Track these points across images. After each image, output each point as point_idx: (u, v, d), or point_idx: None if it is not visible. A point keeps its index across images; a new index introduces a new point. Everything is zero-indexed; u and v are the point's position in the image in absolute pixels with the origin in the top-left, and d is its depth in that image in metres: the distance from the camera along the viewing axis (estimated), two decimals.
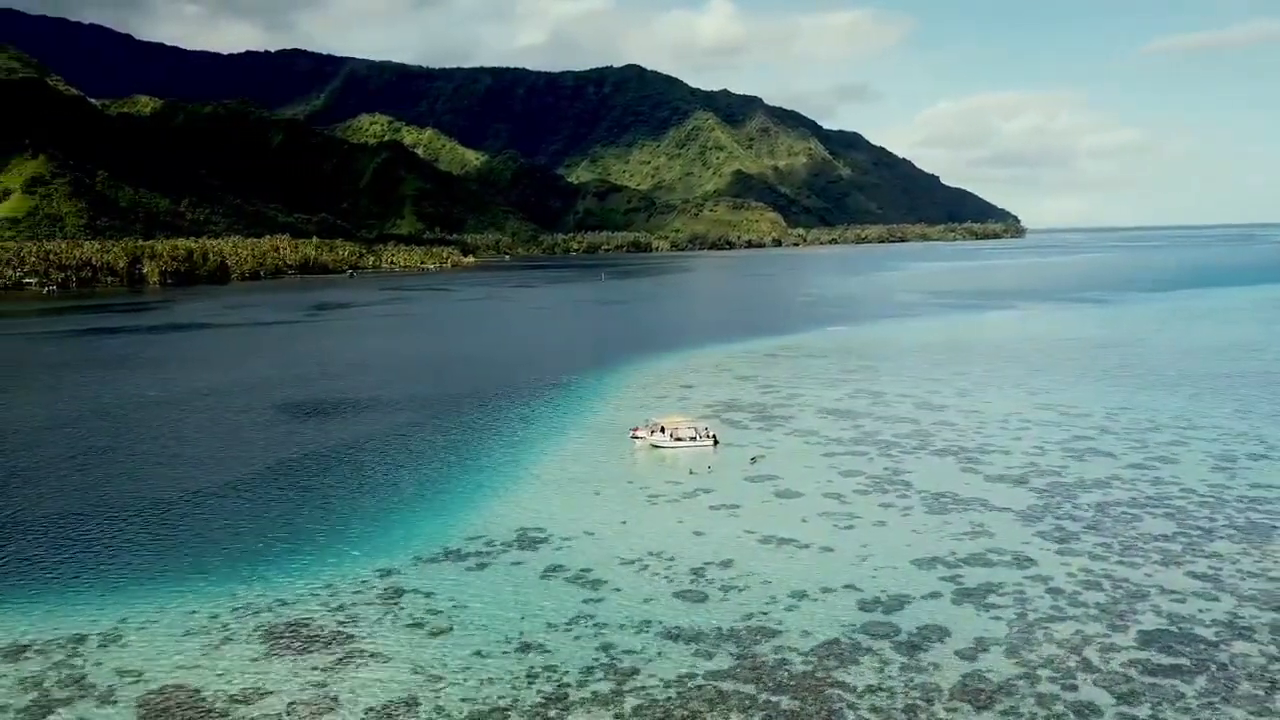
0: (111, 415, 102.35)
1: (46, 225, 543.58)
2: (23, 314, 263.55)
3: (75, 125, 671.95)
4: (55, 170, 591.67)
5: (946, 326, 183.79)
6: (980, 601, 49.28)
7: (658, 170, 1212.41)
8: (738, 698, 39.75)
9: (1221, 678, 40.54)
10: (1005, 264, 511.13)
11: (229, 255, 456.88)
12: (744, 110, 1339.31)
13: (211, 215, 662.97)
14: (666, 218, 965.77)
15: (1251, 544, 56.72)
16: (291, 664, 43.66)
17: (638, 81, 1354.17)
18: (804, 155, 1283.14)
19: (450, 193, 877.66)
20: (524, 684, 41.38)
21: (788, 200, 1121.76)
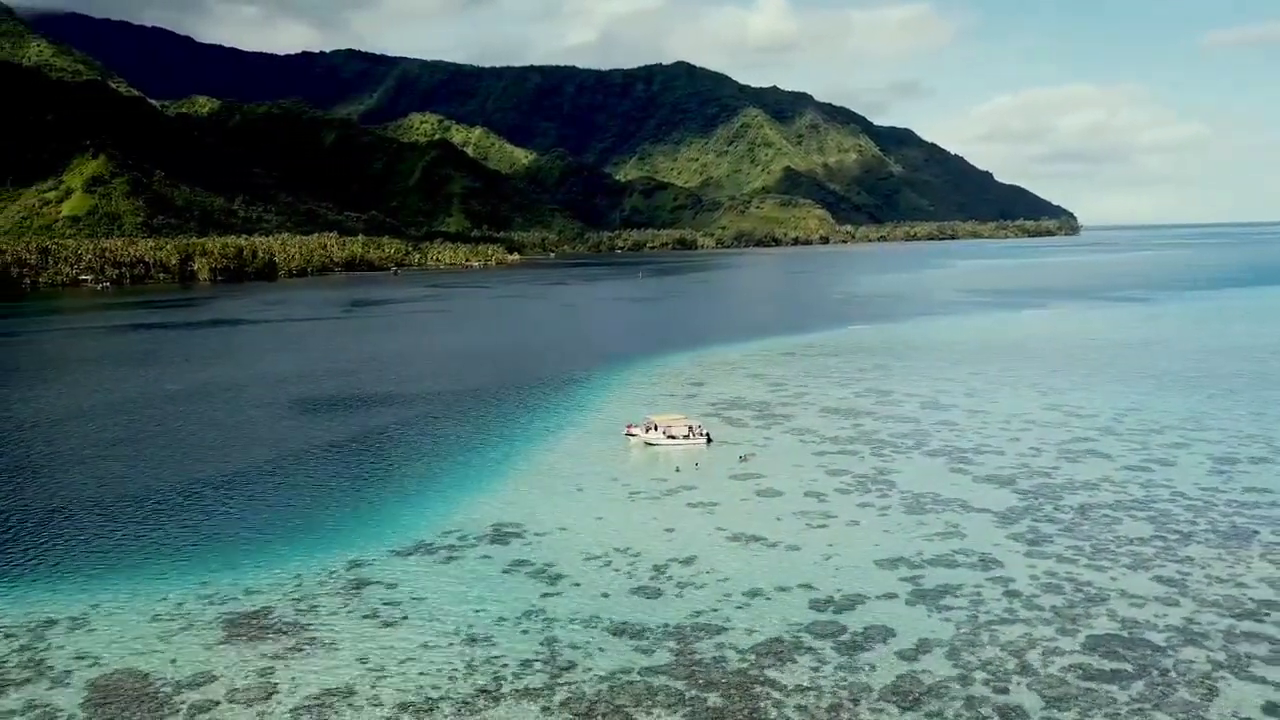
0: (127, 409, 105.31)
1: (106, 223, 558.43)
2: (73, 310, 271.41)
3: (134, 126, 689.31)
4: (114, 170, 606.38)
5: (972, 325, 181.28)
6: (934, 603, 48.93)
7: (706, 167, 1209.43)
8: (666, 694, 40.03)
9: (1160, 684, 39.89)
10: (1051, 262, 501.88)
11: (277, 253, 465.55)
12: (793, 107, 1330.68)
13: (264, 213, 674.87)
14: (713, 215, 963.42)
15: (1228, 549, 55.52)
16: (242, 651, 44.84)
17: (686, 79, 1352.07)
18: (854, 152, 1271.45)
19: (497, 191, 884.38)
20: (461, 676, 42.07)
21: (837, 197, 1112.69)
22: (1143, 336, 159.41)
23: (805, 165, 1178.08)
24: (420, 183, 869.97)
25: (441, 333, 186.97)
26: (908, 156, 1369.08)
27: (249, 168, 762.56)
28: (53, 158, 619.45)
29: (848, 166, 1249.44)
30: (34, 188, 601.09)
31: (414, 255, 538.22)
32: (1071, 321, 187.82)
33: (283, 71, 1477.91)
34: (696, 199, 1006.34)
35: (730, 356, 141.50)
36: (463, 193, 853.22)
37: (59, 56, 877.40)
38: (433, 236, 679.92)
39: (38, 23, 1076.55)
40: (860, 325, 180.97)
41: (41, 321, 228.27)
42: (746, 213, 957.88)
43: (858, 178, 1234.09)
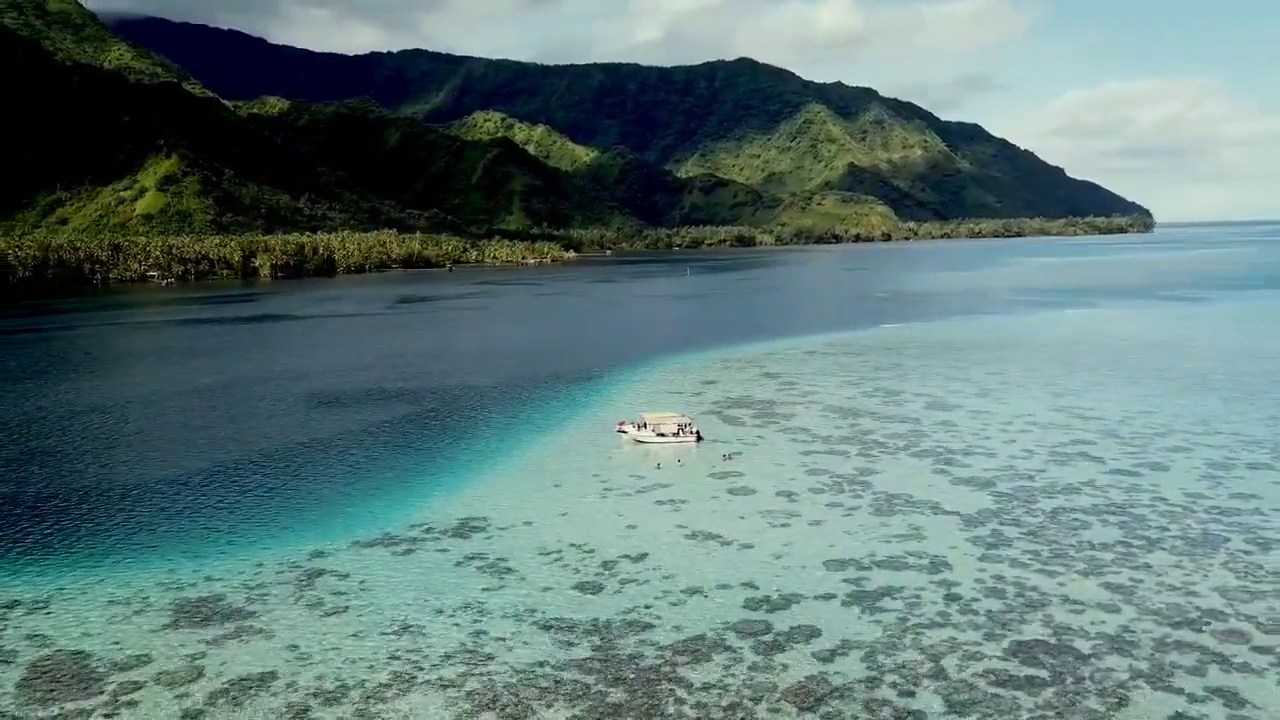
0: (152, 401, 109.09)
1: (177, 221, 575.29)
2: (133, 304, 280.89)
3: (206, 126, 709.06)
4: (186, 169, 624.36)
5: (1007, 324, 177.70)
6: (869, 605, 48.61)
7: (768, 164, 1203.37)
8: (571, 687, 40.55)
9: (1070, 692, 39.21)
10: (1113, 260, 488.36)
11: (336, 250, 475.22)
12: (858, 103, 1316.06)
13: (329, 211, 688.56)
14: (773, 212, 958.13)
15: (1191, 556, 54.07)
16: (182, 637, 46.50)
17: (749, 75, 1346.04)
18: (919, 148, 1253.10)
19: (557, 189, 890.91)
20: (380, 666, 43.10)
21: (900, 194, 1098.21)
22: (1177, 337, 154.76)
23: (869, 161, 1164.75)
24: (482, 181, 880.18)
25: (471, 329, 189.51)
26: (975, 152, 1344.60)
27: (315, 166, 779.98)
28: (129, 158, 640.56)
29: (912, 162, 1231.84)
30: (111, 187, 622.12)
31: (471, 253, 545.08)
32: (1111, 321, 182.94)
33: (352, 72, 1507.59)
34: (756, 196, 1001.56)
35: (750, 354, 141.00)
36: (523, 191, 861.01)
37: (138, 59, 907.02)
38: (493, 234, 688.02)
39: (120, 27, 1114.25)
40: (892, 324, 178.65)
41: (100, 316, 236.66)
42: (807, 209, 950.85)
43: (923, 174, 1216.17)
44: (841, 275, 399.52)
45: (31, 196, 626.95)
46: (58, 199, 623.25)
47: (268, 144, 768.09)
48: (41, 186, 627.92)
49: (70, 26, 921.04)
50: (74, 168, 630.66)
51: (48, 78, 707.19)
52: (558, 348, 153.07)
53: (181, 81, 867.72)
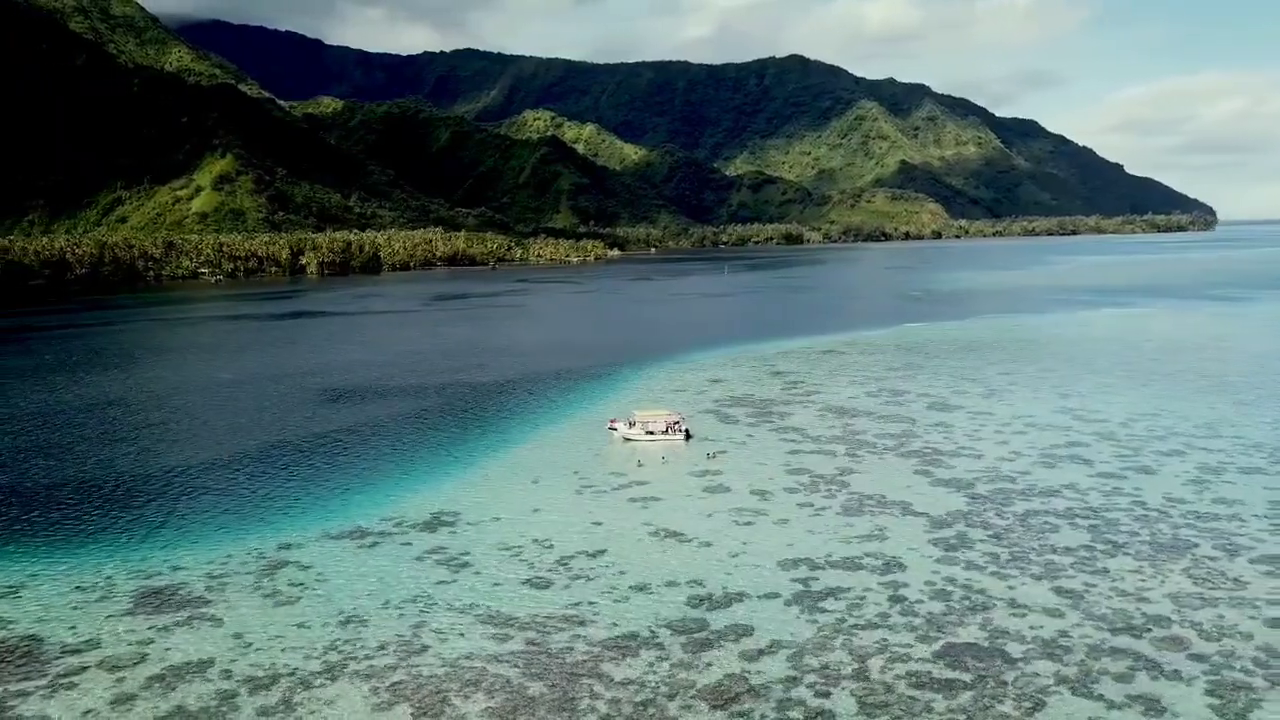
0: (169, 395, 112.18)
1: (231, 219, 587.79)
2: (180, 300, 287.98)
3: (260, 126, 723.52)
4: (240, 168, 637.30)
5: (1035, 324, 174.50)
6: (811, 604, 48.52)
7: (818, 161, 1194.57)
8: (493, 680, 41.15)
9: (987, 695, 38.85)
10: (1167, 258, 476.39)
11: (383, 247, 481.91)
12: (910, 99, 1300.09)
13: (378, 209, 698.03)
14: (822, 209, 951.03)
15: (1154, 562, 53.03)
16: (135, 623, 48.00)
17: (800, 72, 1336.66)
18: (973, 144, 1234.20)
19: (604, 187, 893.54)
20: (315, 655, 44.09)
21: (953, 191, 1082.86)
22: (1209, 338, 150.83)
23: (921, 158, 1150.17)
24: (530, 179, 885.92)
25: (493, 327, 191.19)
26: (1031, 149, 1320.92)
27: (366, 165, 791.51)
28: (186, 158, 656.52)
29: (966, 159, 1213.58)
30: (168, 186, 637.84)
31: (516, 251, 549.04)
32: (1143, 321, 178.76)
33: (405, 71, 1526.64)
34: (805, 193, 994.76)
35: (763, 352, 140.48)
36: (570, 189, 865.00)
37: (197, 61, 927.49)
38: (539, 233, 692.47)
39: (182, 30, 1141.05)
40: (916, 323, 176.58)
41: (144, 312, 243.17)
42: (856, 207, 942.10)
43: (976, 171, 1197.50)
44: (880, 273, 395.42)
45: (94, 196, 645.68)
46: (117, 198, 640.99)
47: (320, 143, 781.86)
48: (103, 186, 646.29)
49: (133, 30, 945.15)
50: (134, 168, 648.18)
51: (110, 80, 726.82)
52: (573, 345, 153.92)
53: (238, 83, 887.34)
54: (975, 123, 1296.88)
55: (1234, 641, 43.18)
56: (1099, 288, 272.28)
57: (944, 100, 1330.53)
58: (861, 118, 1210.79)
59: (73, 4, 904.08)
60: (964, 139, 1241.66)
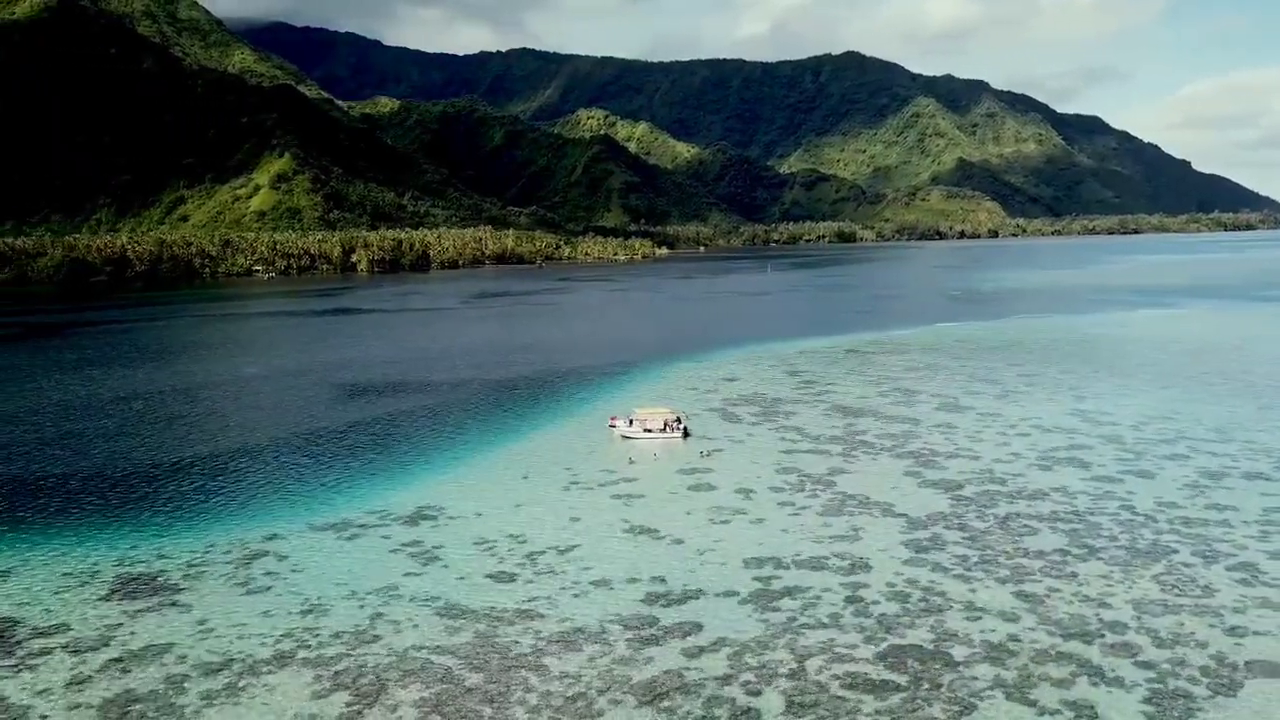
0: (192, 390, 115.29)
1: (288, 218, 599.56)
2: (226, 297, 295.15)
3: (317, 126, 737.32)
4: (297, 168, 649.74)
5: (1071, 324, 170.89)
6: (765, 603, 48.45)
7: (873, 159, 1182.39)
8: (435, 671, 41.84)
9: (919, 698, 38.54)
10: (1228, 258, 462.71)
11: (432, 246, 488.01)
12: (968, 95, 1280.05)
13: (432, 208, 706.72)
14: (876, 207, 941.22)
15: (1126, 568, 51.95)
16: (109, 608, 49.64)
17: (856, 69, 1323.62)
18: (1033, 141, 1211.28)
19: (656, 185, 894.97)
20: (270, 643, 45.22)
21: (1011, 189, 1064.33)
22: (1243, 338, 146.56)
23: (979, 156, 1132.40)
24: (581, 178, 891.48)
25: (521, 324, 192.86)
26: (1094, 146, 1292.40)
27: (420, 164, 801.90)
28: (246, 157, 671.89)
29: (1026, 156, 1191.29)
30: (228, 185, 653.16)
31: (564, 249, 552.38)
32: (1185, 322, 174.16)
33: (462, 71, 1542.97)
34: (859, 191, 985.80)
35: (784, 351, 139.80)
36: (621, 188, 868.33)
37: (259, 63, 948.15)
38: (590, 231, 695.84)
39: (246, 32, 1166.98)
40: (948, 323, 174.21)
41: (191, 308, 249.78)
42: (911, 205, 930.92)
43: (1036, 168, 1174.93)
44: (926, 272, 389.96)
45: (158, 195, 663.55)
46: (180, 197, 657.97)
47: (375, 143, 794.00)
48: (166, 186, 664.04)
49: (198, 33, 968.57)
50: (196, 167, 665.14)
51: (175, 82, 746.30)
52: (594, 342, 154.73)
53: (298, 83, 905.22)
54: (1035, 119, 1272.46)
55: (1187, 650, 42.23)
56: (1147, 288, 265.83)
57: (1003, 96, 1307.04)
58: (918, 115, 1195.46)
59: (141, 8, 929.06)
60: (1024, 136, 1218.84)
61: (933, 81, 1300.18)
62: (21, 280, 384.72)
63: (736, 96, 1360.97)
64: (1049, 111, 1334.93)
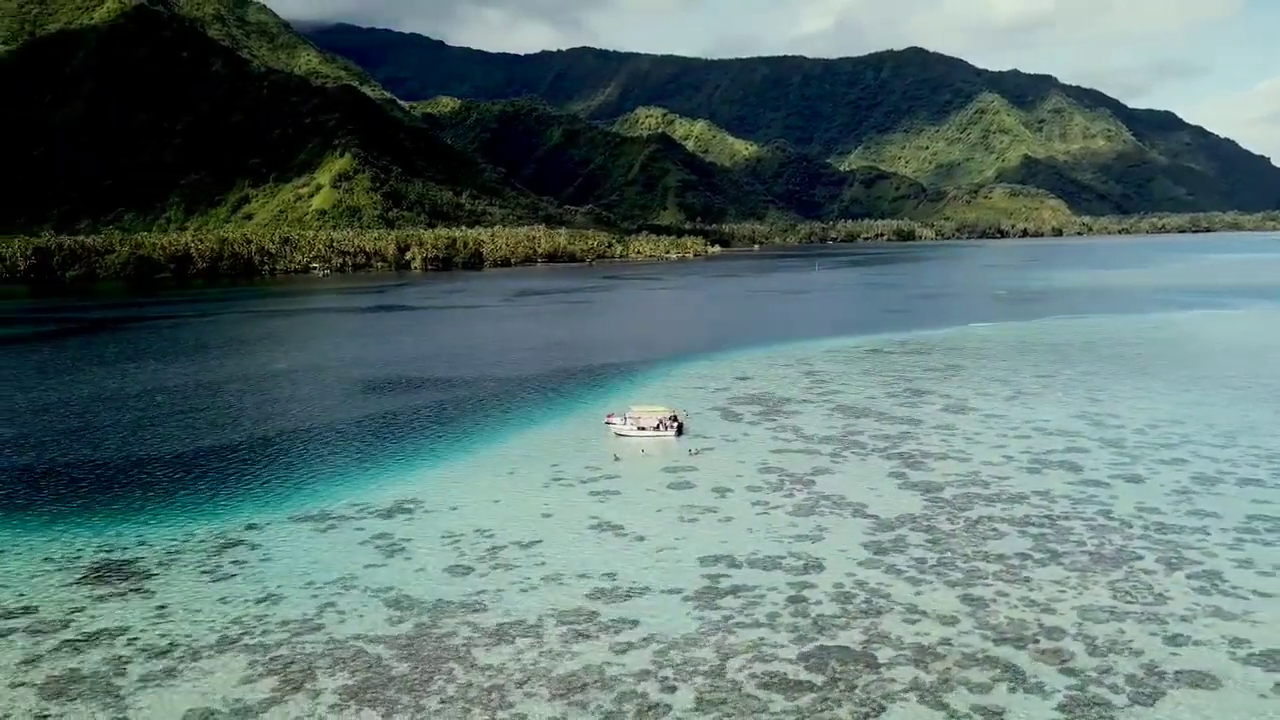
0: (218, 385, 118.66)
1: (348, 216, 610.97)
2: (279, 294, 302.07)
3: (378, 126, 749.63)
4: (358, 167, 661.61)
5: (1111, 325, 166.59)
6: (707, 602, 48.61)
7: (935, 156, 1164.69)
8: (365, 659, 42.89)
9: (830, 699, 38.47)
10: None
11: (485, 244, 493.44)
12: (1035, 91, 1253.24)
13: (489, 207, 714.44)
14: (937, 205, 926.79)
15: (1084, 574, 50.99)
16: (78, 592, 51.69)
17: (918, 64, 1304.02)
18: (1102, 138, 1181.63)
19: (712, 184, 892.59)
20: (219, 628, 46.72)
21: (1078, 186, 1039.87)
22: None
23: (1045, 152, 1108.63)
24: (638, 176, 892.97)
25: (553, 321, 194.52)
26: (1167, 142, 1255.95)
27: (478, 164, 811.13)
28: (309, 157, 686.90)
29: (1095, 153, 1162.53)
30: (291, 184, 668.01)
31: (616, 247, 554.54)
32: (1229, 322, 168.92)
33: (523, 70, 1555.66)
34: (920, 189, 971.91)
35: (806, 351, 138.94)
36: (678, 186, 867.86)
37: (325, 64, 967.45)
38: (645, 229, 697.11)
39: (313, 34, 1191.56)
40: (982, 323, 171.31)
41: (242, 304, 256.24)
42: (973, 203, 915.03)
43: (1105, 165, 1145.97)
44: (976, 271, 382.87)
45: (224, 194, 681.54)
46: (245, 196, 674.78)
47: (435, 142, 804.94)
48: (233, 185, 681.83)
49: (266, 35, 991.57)
50: (261, 167, 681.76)
51: (242, 83, 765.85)
52: (618, 340, 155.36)
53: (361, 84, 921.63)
54: (1105, 115, 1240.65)
55: (1119, 658, 41.44)
56: (1204, 288, 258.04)
57: (1072, 91, 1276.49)
58: (982, 111, 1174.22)
59: (211, 12, 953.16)
60: (1092, 132, 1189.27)
61: (998, 77, 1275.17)
62: (90, 277, 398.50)
63: (796, 94, 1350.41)
64: (1119, 107, 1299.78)
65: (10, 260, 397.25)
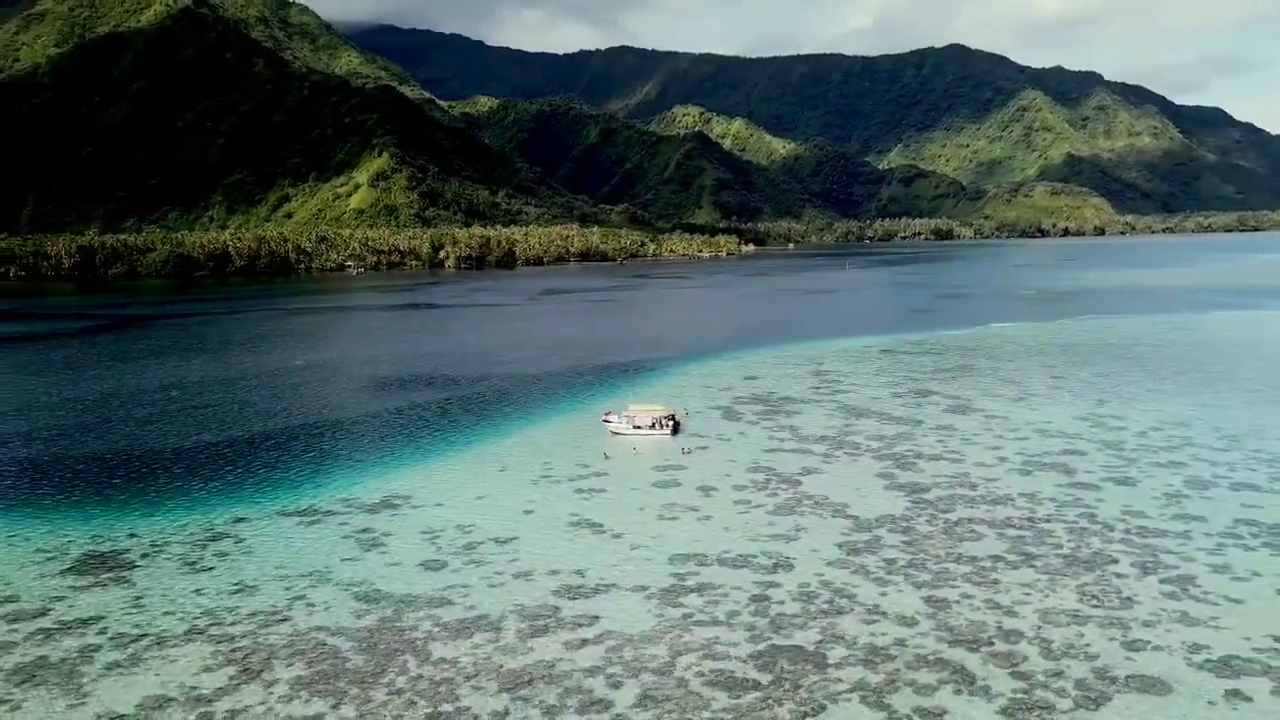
0: (230, 380, 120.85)
1: (385, 215, 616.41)
2: (312, 291, 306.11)
3: (416, 125, 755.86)
4: (395, 166, 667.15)
5: (1136, 325, 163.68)
6: (670, 600, 48.78)
7: (976, 154, 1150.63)
8: (323, 650, 43.66)
9: (772, 699, 38.52)
10: None
11: (518, 243, 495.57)
12: (1079, 88, 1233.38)
13: (525, 205, 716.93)
14: (976, 204, 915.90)
15: (1055, 577, 50.45)
16: (62, 582, 53.04)
17: (960, 62, 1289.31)
18: (1148, 135, 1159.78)
19: (748, 182, 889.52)
20: (189, 618, 47.74)
21: (1123, 185, 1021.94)
22: None
23: (1089, 150, 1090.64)
24: (674, 175, 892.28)
25: (572, 321, 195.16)
26: (1216, 139, 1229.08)
27: (514, 163, 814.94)
28: (347, 156, 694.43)
29: (1140, 150, 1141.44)
30: (330, 183, 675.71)
31: (649, 246, 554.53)
32: (1258, 324, 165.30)
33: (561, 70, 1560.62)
34: (959, 187, 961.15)
35: (818, 351, 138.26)
36: (713, 185, 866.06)
37: (365, 65, 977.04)
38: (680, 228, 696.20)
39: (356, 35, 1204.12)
40: (1001, 323, 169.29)
41: (274, 301, 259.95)
42: (1013, 202, 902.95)
43: (1151, 163, 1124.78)
44: (1008, 271, 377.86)
45: (265, 194, 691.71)
46: (285, 195, 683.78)
47: (471, 141, 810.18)
48: (273, 184, 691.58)
49: (308, 36, 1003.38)
50: (301, 166, 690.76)
51: (284, 84, 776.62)
52: (632, 339, 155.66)
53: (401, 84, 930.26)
54: (1151, 111, 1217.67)
55: (1072, 662, 41.04)
56: (1241, 288, 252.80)
57: (1117, 88, 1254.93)
58: (1024, 108, 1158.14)
59: (255, 14, 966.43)
60: (1138, 129, 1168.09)
61: (1042, 74, 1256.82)
62: (132, 274, 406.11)
63: (836, 92, 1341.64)
64: (1166, 104, 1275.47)
65: (56, 258, 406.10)
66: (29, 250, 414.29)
